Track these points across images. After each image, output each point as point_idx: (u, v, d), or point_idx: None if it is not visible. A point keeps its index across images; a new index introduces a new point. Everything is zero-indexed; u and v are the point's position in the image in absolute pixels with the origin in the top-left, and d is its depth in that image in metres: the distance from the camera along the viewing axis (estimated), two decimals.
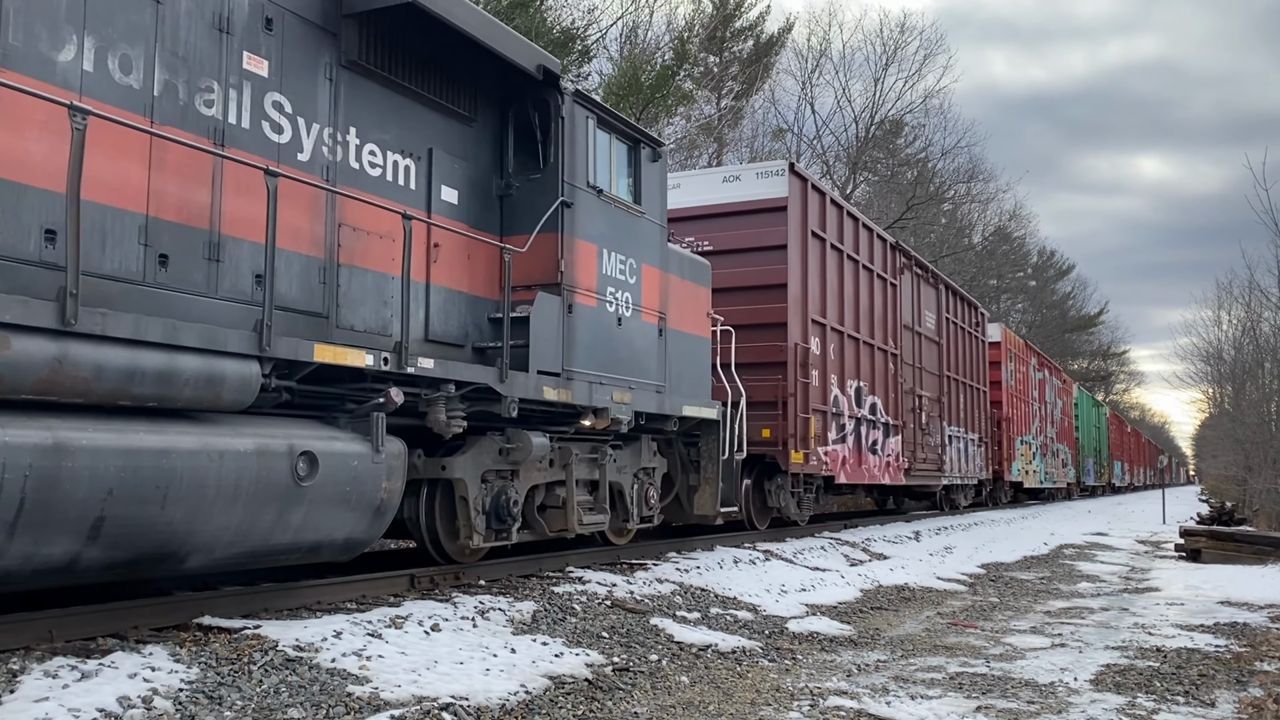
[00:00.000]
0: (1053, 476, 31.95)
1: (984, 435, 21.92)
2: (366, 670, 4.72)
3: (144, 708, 3.87)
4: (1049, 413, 32.16)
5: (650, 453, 9.26)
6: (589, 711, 4.85)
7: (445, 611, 5.93)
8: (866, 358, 14.91)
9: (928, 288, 18.31)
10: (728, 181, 12.84)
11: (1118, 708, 5.39)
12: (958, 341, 20.13)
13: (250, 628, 5.02)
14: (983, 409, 21.96)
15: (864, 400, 14.66)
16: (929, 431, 17.52)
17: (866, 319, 14.90)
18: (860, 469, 14.37)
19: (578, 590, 7.14)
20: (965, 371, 20.59)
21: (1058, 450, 33.54)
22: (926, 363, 17.74)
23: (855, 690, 5.58)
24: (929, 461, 17.51)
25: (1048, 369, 32.99)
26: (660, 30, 25.43)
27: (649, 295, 8.74)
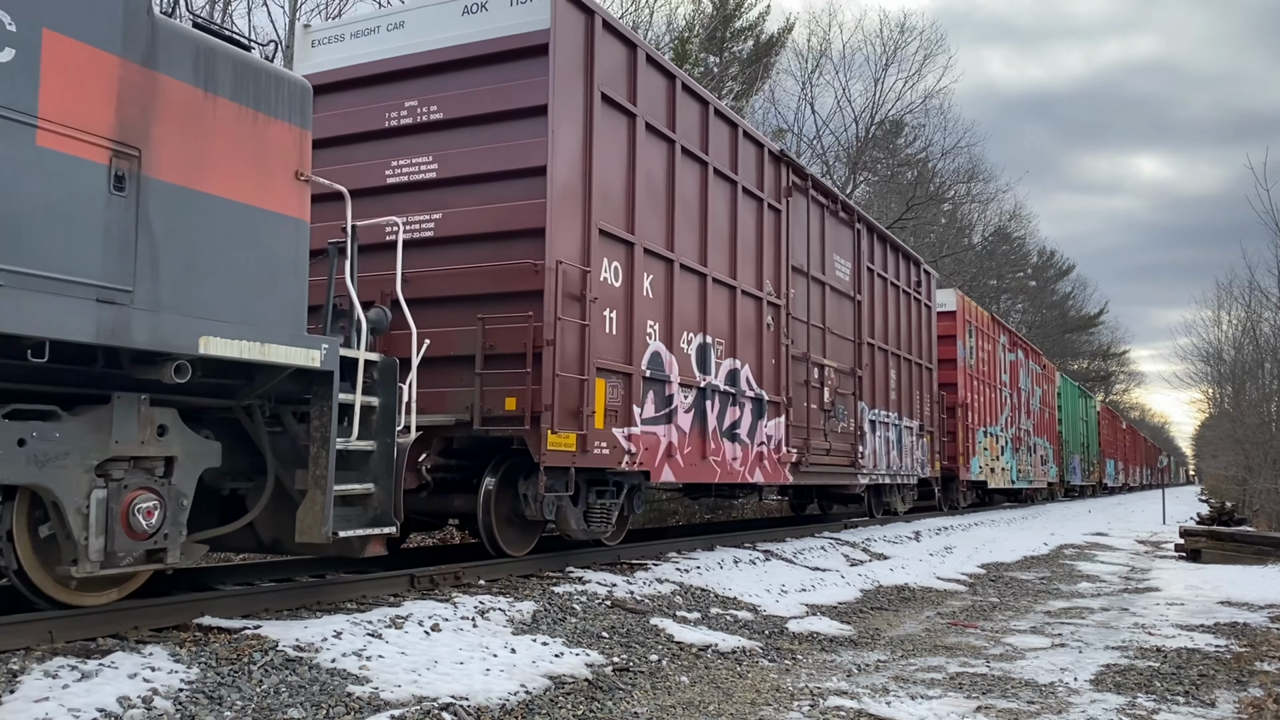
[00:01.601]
0: (1028, 475, 27.88)
1: (928, 423, 17.70)
2: (366, 670, 4.73)
3: (144, 708, 3.87)
4: (1023, 401, 27.91)
5: (153, 428, 4.97)
6: (589, 711, 4.85)
7: (445, 611, 5.93)
8: (723, 305, 10.38)
9: (838, 225, 13.81)
10: (470, 13, 8.31)
11: (1118, 708, 5.39)
12: (888, 303, 15.69)
13: (250, 628, 5.02)
14: (927, 391, 17.70)
15: (716, 364, 10.15)
16: (835, 414, 13.13)
17: (725, 250, 10.43)
18: (706, 462, 9.86)
19: (578, 590, 7.14)
20: (899, 342, 16.19)
21: (1035, 445, 29.26)
22: (834, 323, 13.37)
23: (855, 690, 5.58)
24: (836, 454, 13.17)
25: (1023, 350, 28.61)
26: (660, 30, 25.44)
27: (68, 99, 4.32)
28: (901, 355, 16.24)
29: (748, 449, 10.79)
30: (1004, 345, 25.60)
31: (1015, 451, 26.34)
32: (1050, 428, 32.82)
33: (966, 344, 21.60)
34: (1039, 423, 30.30)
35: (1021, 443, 27.32)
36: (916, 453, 17.05)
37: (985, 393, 23.18)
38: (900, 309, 16.35)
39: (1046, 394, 32.43)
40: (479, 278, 7.89)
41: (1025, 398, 28.34)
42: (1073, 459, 37.70)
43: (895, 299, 16.11)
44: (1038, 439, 29.94)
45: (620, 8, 22.38)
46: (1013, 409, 26.28)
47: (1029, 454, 28.26)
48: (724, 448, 10.26)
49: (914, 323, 17.11)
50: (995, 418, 24.10)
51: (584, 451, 7.84)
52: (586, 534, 8.50)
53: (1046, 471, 31.39)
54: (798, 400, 12.11)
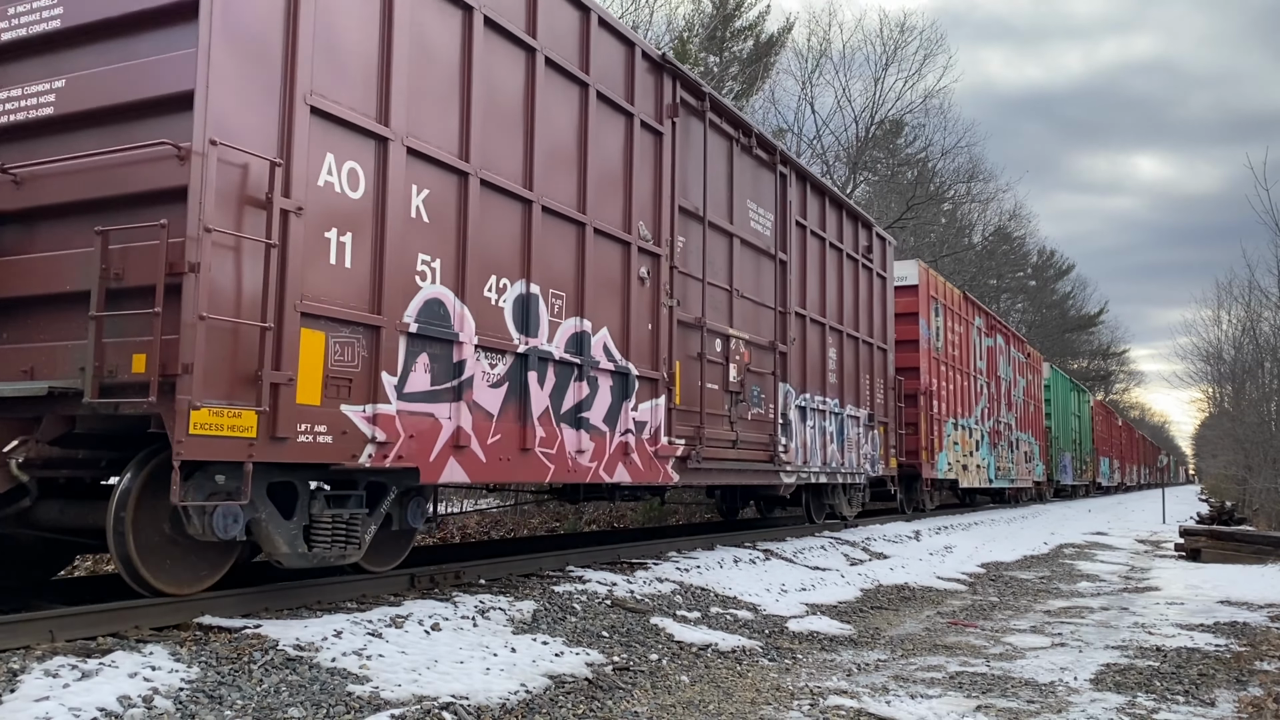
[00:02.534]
0: (1009, 473, 25.18)
1: (881, 413, 15.11)
2: (367, 669, 4.73)
3: (144, 707, 3.87)
4: (1004, 392, 25.05)
5: None
6: (589, 711, 4.86)
7: (445, 611, 5.94)
8: (564, 247, 7.70)
9: (756, 167, 11.16)
10: None
11: (1118, 707, 5.39)
12: (826, 268, 13.07)
13: (250, 627, 5.02)
14: (880, 376, 15.07)
15: (550, 324, 7.46)
16: (747, 398, 10.60)
17: (567, 174, 7.75)
18: (529, 455, 7.16)
19: (578, 589, 7.15)
20: (843, 315, 13.62)
21: (1018, 441, 26.50)
22: (748, 286, 10.80)
23: (855, 689, 5.58)
24: (747, 447, 10.57)
25: (1003, 335, 25.61)
26: (660, 30, 25.44)
27: None
28: (845, 332, 13.59)
29: (604, 439, 8.00)
30: (980, 328, 22.81)
31: (994, 447, 23.52)
32: (1037, 422, 30.17)
33: (932, 323, 18.78)
34: (1023, 416, 27.72)
35: (1002, 437, 24.49)
36: (865, 447, 14.34)
37: (956, 380, 20.47)
38: (845, 277, 13.74)
39: (1032, 385, 29.69)
40: (101, 173, 5.28)
41: (1006, 388, 25.37)
42: (1063, 456, 35.33)
43: (837, 265, 13.48)
44: (1022, 434, 27.30)
45: (620, 7, 22.38)
46: (991, 399, 23.44)
47: (1010, 450, 25.47)
48: (563, 436, 7.49)
49: (863, 295, 14.42)
50: (969, 408, 21.34)
51: (274, 439, 5.22)
52: (310, 560, 5.79)
53: (1032, 469, 28.82)
54: (688, 378, 9.39)
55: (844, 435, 13.57)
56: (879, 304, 15.24)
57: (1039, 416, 30.63)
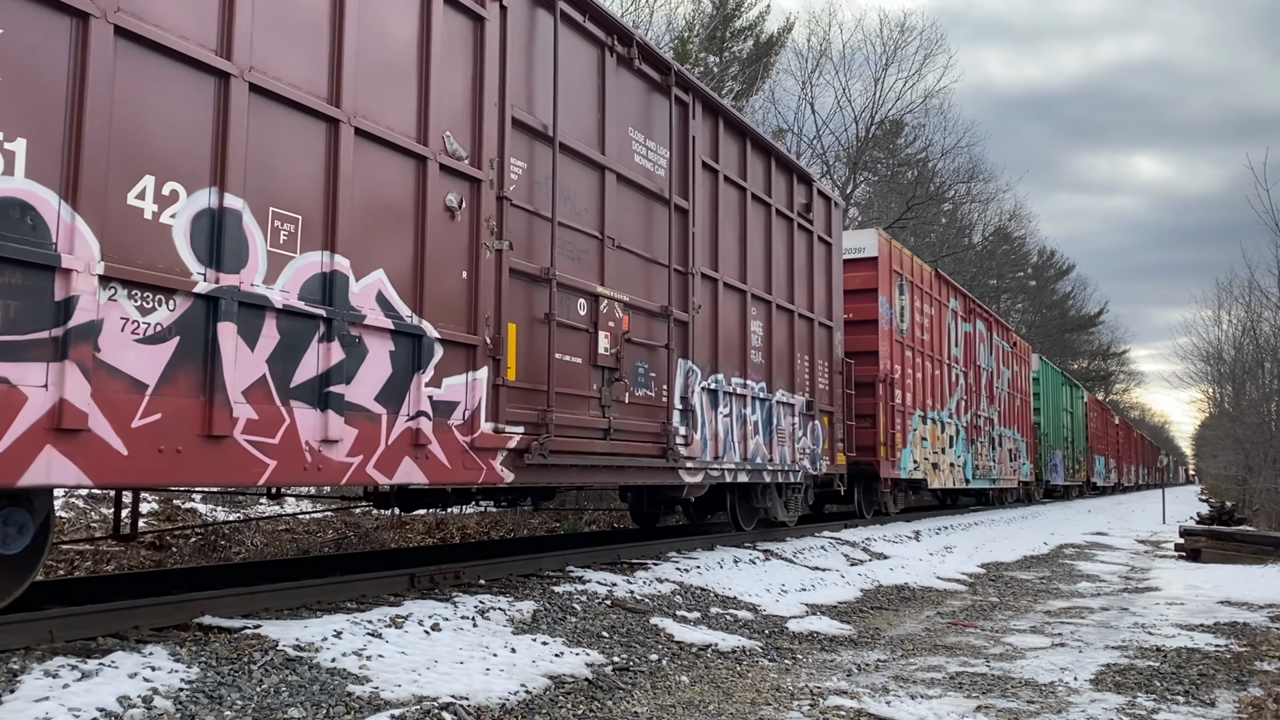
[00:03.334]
0: (990, 472, 22.64)
1: (824, 401, 12.86)
2: (366, 670, 4.73)
3: (144, 707, 3.87)
4: (984, 383, 22.68)
5: None
6: (589, 711, 4.86)
7: (445, 611, 5.94)
8: (301, 145, 5.48)
9: (644, 90, 9.02)
10: None
11: (1118, 707, 5.39)
12: (748, 224, 10.71)
13: (250, 627, 5.02)
14: (822, 357, 12.85)
15: (268, 256, 5.24)
16: (626, 375, 8.44)
17: (307, 44, 5.61)
18: (225, 446, 4.93)
19: (578, 590, 7.15)
20: (773, 283, 11.30)
21: (1001, 438, 23.97)
22: (628, 234, 8.61)
23: (855, 690, 5.58)
24: (627, 437, 8.36)
25: (984, 321, 22.96)
26: (660, 30, 25.44)
27: None
28: (775, 303, 11.32)
29: (377, 424, 5.86)
30: (956, 312, 20.46)
31: (971, 443, 21.00)
32: (1024, 418, 27.62)
33: (895, 302, 16.45)
34: (1008, 411, 25.17)
35: (982, 433, 22.01)
36: (804, 440, 12.06)
37: (926, 368, 18.06)
38: (775, 238, 11.42)
39: (1019, 377, 27.13)
40: None
41: (988, 379, 22.99)
42: (1053, 455, 32.81)
43: (764, 223, 11.19)
44: (1006, 430, 24.68)
45: (620, 7, 22.38)
46: (969, 391, 21.07)
47: (992, 447, 22.94)
48: (294, 420, 5.35)
49: (800, 261, 12.16)
50: (941, 400, 18.93)
51: None
52: None
53: (1018, 469, 26.22)
54: (530, 347, 7.25)
55: (773, 426, 11.21)
56: (822, 273, 12.97)
57: (1026, 411, 28.07)
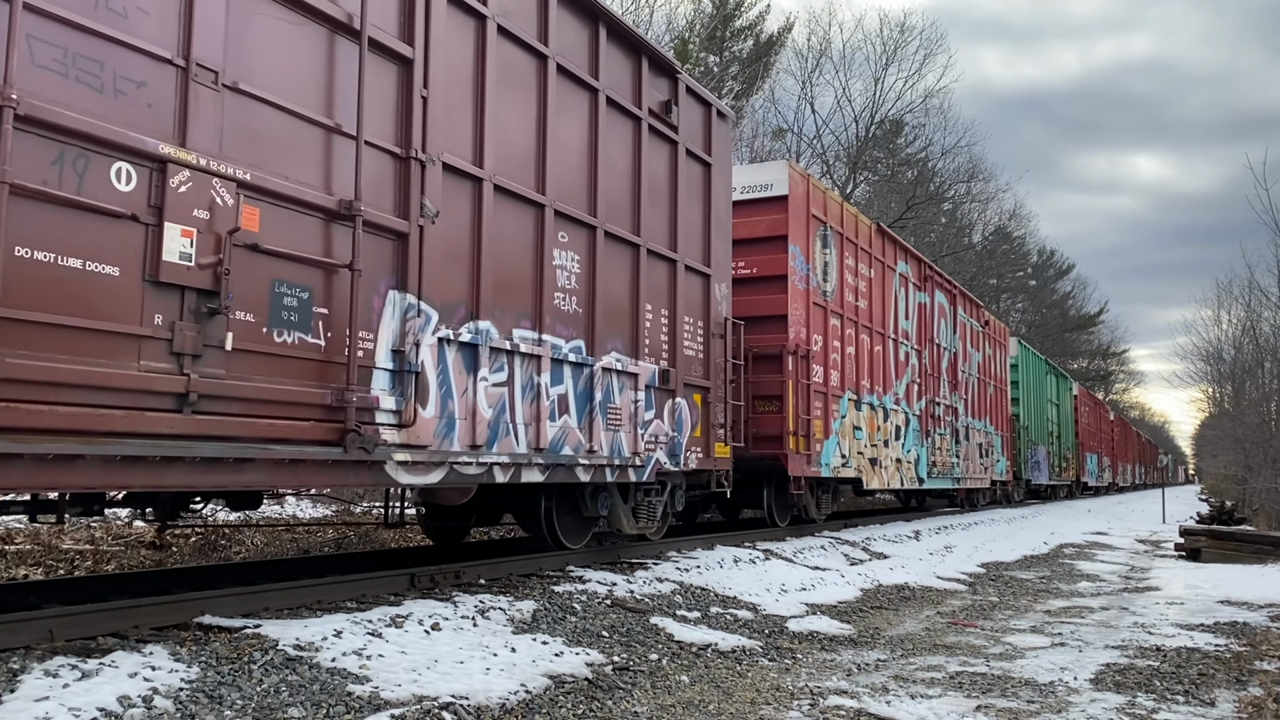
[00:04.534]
0: (952, 470, 19.23)
1: (693, 372, 9.59)
2: (367, 669, 4.73)
3: (144, 707, 3.87)
4: (949, 367, 19.44)
5: None
6: (589, 711, 4.86)
7: (445, 610, 5.94)
8: None
9: None
10: None
11: (1118, 707, 5.39)
12: (546, 105, 7.50)
13: (250, 627, 5.02)
14: (691, 314, 9.62)
15: None
16: (250, 306, 5.07)
17: None
18: None
19: (578, 589, 7.15)
20: (593, 199, 8.15)
21: (969, 430, 20.75)
22: (266, 76, 5.26)
23: (855, 689, 5.58)
24: (250, 404, 5.01)
25: (946, 293, 19.64)
26: (660, 30, 25.44)
27: None
28: (605, 230, 8.13)
29: None
30: (907, 278, 16.93)
31: (926, 435, 17.52)
32: (999, 408, 24.05)
33: (815, 257, 13.07)
34: (979, 399, 21.91)
35: (941, 423, 18.57)
36: (658, 424, 8.83)
37: (861, 342, 14.73)
38: (609, 140, 8.32)
39: (993, 362, 23.68)
40: None
41: (951, 361, 19.59)
42: (1035, 451, 29.46)
43: (586, 114, 8.07)
44: (975, 421, 21.40)
45: (620, 7, 22.38)
46: (923, 374, 17.60)
47: (956, 440, 19.58)
48: None
49: (657, 180, 9.01)
50: (884, 382, 15.58)
51: None
52: None
53: (991, 466, 22.89)
54: None
55: (598, 402, 7.87)
56: (695, 202, 9.63)
57: (1002, 401, 24.47)
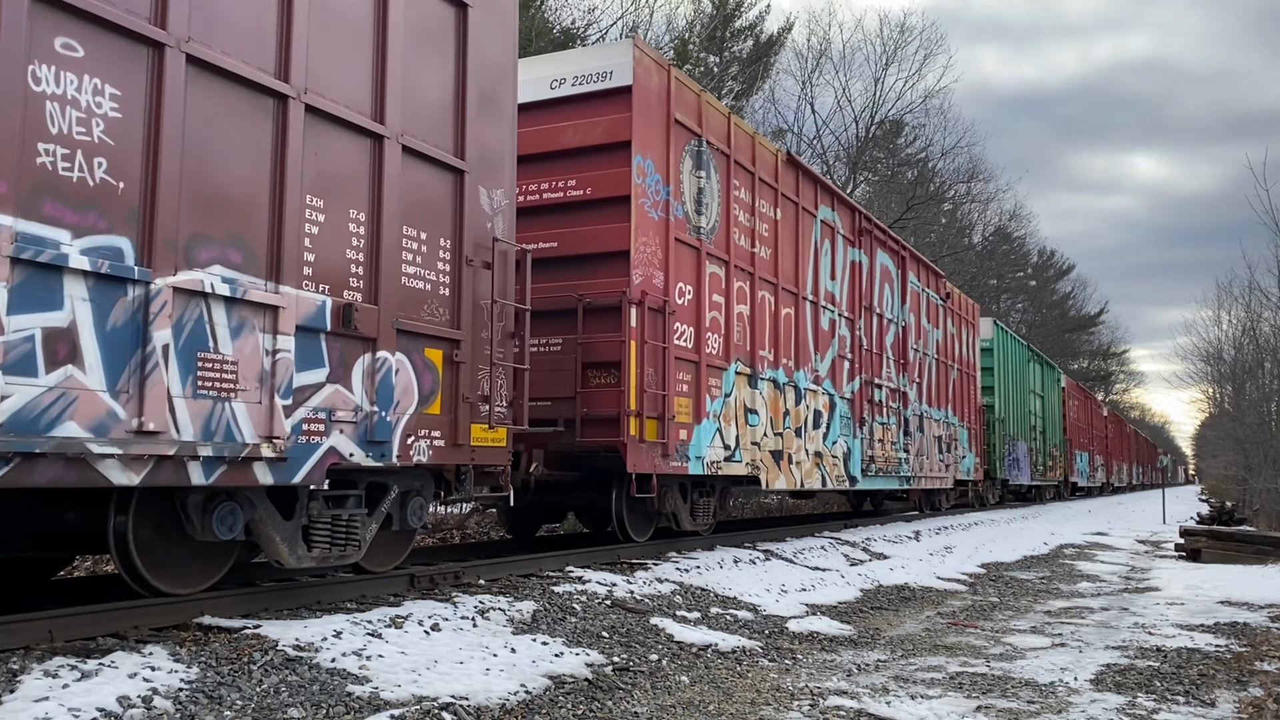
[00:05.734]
0: (900, 467, 15.99)
1: (425, 314, 6.50)
2: (366, 670, 4.72)
3: (144, 707, 3.87)
4: (896, 343, 16.13)
5: None
6: (589, 711, 4.85)
7: (445, 611, 5.94)
8: None
9: None
10: None
11: (1118, 707, 5.39)
12: None
13: (250, 627, 5.02)
14: (427, 228, 6.57)
15: None
16: None
17: None
18: None
19: (578, 590, 7.14)
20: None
21: (923, 420, 17.40)
22: None
23: (855, 690, 5.58)
24: None
25: (890, 253, 16.10)
26: (660, 30, 25.45)
27: None
28: (185, 50, 4.93)
29: None
30: (833, 229, 13.54)
31: (860, 424, 14.24)
32: (965, 397, 20.79)
33: (686, 180, 9.82)
34: (939, 385, 18.63)
35: (882, 410, 15.25)
36: (336, 392, 5.81)
37: (761, 301, 11.41)
38: None
39: (958, 343, 20.37)
40: None
41: (898, 336, 16.21)
42: (1013, 447, 25.96)
43: None
44: (934, 410, 18.17)
45: (620, 7, 22.40)
46: (856, 348, 14.28)
47: (905, 431, 16.30)
48: None
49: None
50: (796, 354, 12.21)
51: None
52: None
53: (954, 463, 19.62)
54: None
55: (152, 347, 4.75)
56: (434, 55, 6.75)
57: (969, 389, 21.23)
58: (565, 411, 8.75)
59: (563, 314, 8.90)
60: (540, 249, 8.68)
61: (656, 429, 9.03)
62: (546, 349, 8.96)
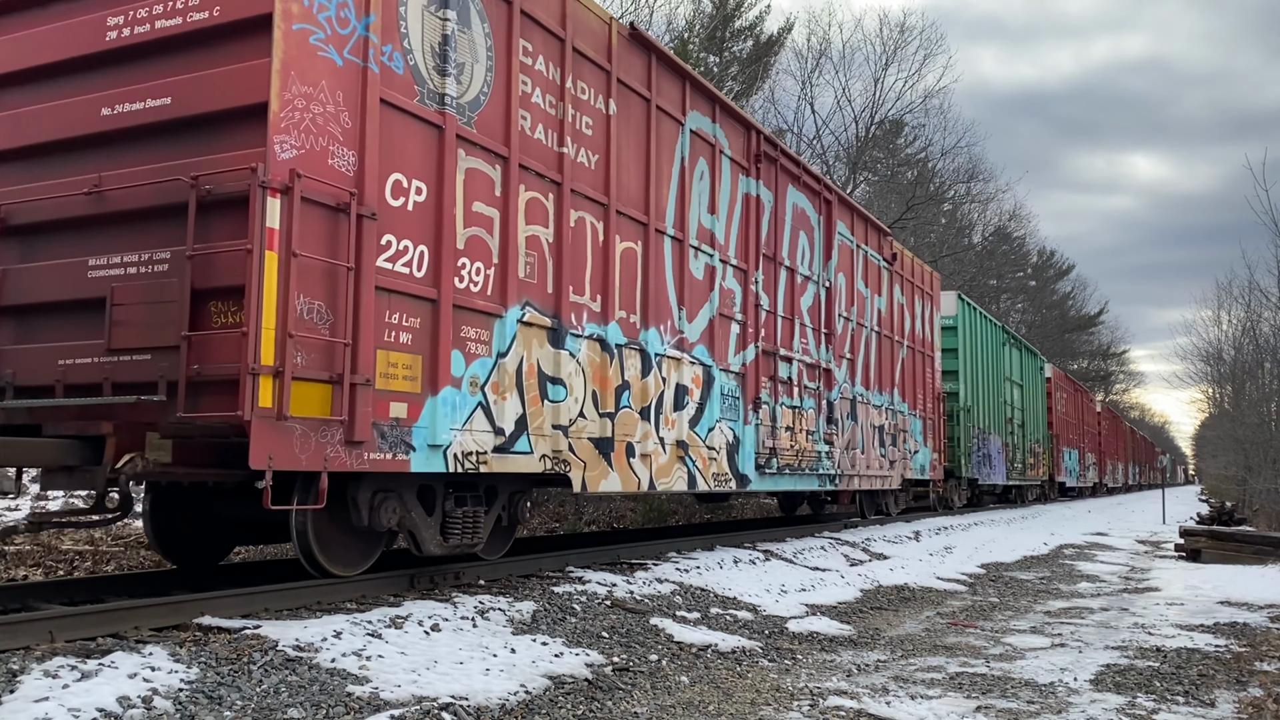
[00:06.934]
0: (816, 464, 12.64)
1: None
2: (366, 670, 4.73)
3: (144, 707, 3.87)
4: (817, 307, 12.88)
5: None
6: (589, 711, 4.86)
7: (445, 611, 5.94)
8: None
9: None
10: None
11: (1118, 707, 5.39)
12: None
13: (250, 628, 5.02)
14: None
15: None
16: None
17: None
18: None
19: (578, 590, 7.15)
20: None
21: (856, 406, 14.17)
22: None
23: (855, 690, 5.58)
24: None
25: (806, 192, 12.74)
26: (660, 30, 25.44)
27: None
28: None
29: None
30: (713, 145, 10.19)
31: (754, 407, 10.88)
32: (921, 382, 17.70)
33: (416, 21, 6.45)
34: (879, 365, 15.26)
35: (794, 391, 11.97)
36: None
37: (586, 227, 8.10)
38: None
39: (907, 316, 17.04)
40: None
41: (820, 300, 12.98)
42: (984, 442, 22.65)
43: None
44: (874, 395, 14.99)
45: (620, 7, 22.38)
46: (749, 308, 10.86)
47: (829, 419, 13.07)
48: None
49: None
50: (642, 308, 8.86)
51: None
52: None
53: (903, 458, 16.42)
54: None
55: None
56: None
57: (925, 371, 18.07)
58: (171, 370, 5.43)
59: (171, 212, 5.62)
60: (148, 109, 5.85)
61: (325, 398, 5.66)
62: (147, 269, 5.74)
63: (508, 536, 7.85)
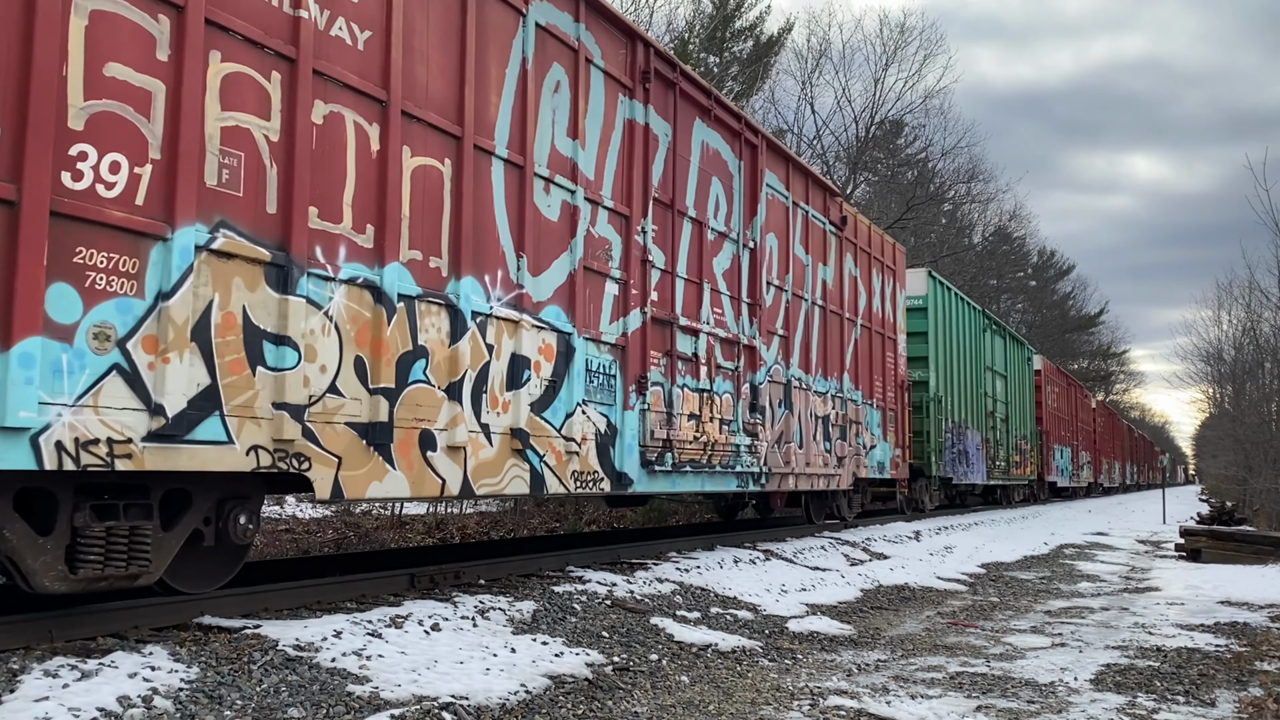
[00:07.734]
0: (732, 459, 10.17)
1: None
2: (366, 670, 4.73)
3: (144, 707, 3.87)
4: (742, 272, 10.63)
5: None
6: (589, 711, 4.86)
7: (445, 611, 5.94)
8: None
9: None
10: None
11: (1118, 707, 5.39)
12: None
13: (250, 627, 5.02)
14: None
15: None
16: None
17: None
18: None
19: (578, 590, 7.15)
20: None
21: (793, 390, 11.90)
22: None
23: (855, 690, 5.58)
24: None
25: (721, 129, 10.37)
26: (660, 30, 25.44)
27: None
28: None
29: None
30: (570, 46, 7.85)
31: (640, 389, 8.61)
32: (880, 367, 15.46)
33: None
34: (825, 346, 13.15)
35: (701, 371, 9.76)
36: None
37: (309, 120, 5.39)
38: None
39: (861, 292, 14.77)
40: None
41: (743, 262, 10.75)
42: (959, 438, 20.47)
43: None
44: (816, 380, 12.79)
45: (620, 7, 22.38)
46: (633, 266, 8.63)
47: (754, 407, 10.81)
48: None
49: None
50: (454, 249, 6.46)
51: None
52: None
53: (856, 454, 14.23)
54: None
55: None
56: None
57: (886, 356, 15.81)
58: None
59: None
60: None
61: None
62: None
63: (228, 559, 5.63)
